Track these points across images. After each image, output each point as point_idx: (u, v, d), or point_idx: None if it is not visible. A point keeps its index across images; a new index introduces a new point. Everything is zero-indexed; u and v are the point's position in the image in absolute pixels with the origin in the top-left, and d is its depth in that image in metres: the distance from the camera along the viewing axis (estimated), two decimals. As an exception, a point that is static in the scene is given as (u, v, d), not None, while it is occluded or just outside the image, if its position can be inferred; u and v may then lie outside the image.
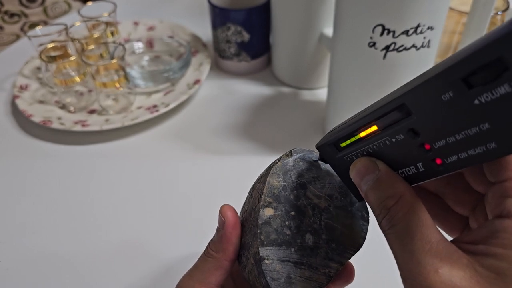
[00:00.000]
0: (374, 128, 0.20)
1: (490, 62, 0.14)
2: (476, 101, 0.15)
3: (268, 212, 0.24)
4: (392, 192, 0.19)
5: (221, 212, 0.26)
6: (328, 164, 0.26)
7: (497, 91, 0.14)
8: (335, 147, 0.23)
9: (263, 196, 0.25)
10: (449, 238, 0.20)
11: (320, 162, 0.26)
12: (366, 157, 0.21)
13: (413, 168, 0.20)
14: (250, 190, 0.28)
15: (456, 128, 0.17)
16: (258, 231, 0.24)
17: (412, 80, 0.19)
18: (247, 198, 0.28)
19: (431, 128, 0.17)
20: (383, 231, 0.20)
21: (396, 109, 0.19)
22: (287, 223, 0.25)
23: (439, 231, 0.18)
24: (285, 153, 0.26)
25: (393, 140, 0.19)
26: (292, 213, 0.25)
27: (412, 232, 0.18)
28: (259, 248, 0.24)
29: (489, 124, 0.15)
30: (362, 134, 0.21)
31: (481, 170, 0.20)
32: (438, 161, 0.18)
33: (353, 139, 0.22)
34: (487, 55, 0.14)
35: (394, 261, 0.19)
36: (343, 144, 0.23)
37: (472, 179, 0.21)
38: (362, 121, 0.21)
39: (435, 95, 0.16)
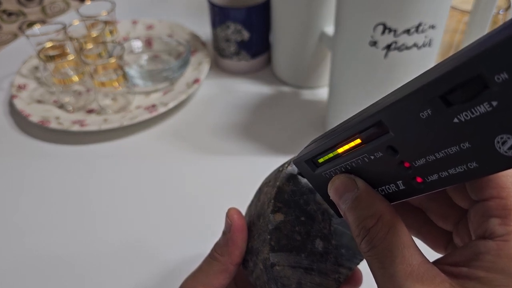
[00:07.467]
0: (352, 144, 0.19)
1: (469, 80, 0.13)
2: (456, 120, 0.15)
3: (278, 217, 0.24)
4: (372, 211, 0.19)
5: (228, 215, 0.25)
6: None
7: (477, 109, 0.14)
8: (313, 163, 0.22)
9: (272, 200, 0.24)
10: (433, 253, 0.19)
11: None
12: (345, 174, 0.20)
13: (393, 186, 0.19)
14: (256, 194, 0.27)
15: (435, 146, 0.16)
16: (268, 236, 0.23)
17: (389, 94, 0.18)
18: (253, 201, 0.27)
19: (410, 146, 0.17)
20: (363, 253, 0.19)
21: (373, 126, 0.18)
22: (297, 228, 0.24)
23: (420, 252, 0.18)
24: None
25: (372, 157, 0.19)
26: (302, 218, 0.24)
27: (393, 255, 0.17)
28: (270, 254, 0.23)
29: (470, 143, 0.15)
30: (340, 150, 0.20)
31: (464, 186, 0.19)
32: (419, 179, 0.17)
33: (331, 154, 0.21)
34: (466, 72, 0.13)
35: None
36: (321, 160, 0.22)
37: (455, 194, 0.20)
38: (340, 136, 0.20)
39: (413, 112, 0.16)
